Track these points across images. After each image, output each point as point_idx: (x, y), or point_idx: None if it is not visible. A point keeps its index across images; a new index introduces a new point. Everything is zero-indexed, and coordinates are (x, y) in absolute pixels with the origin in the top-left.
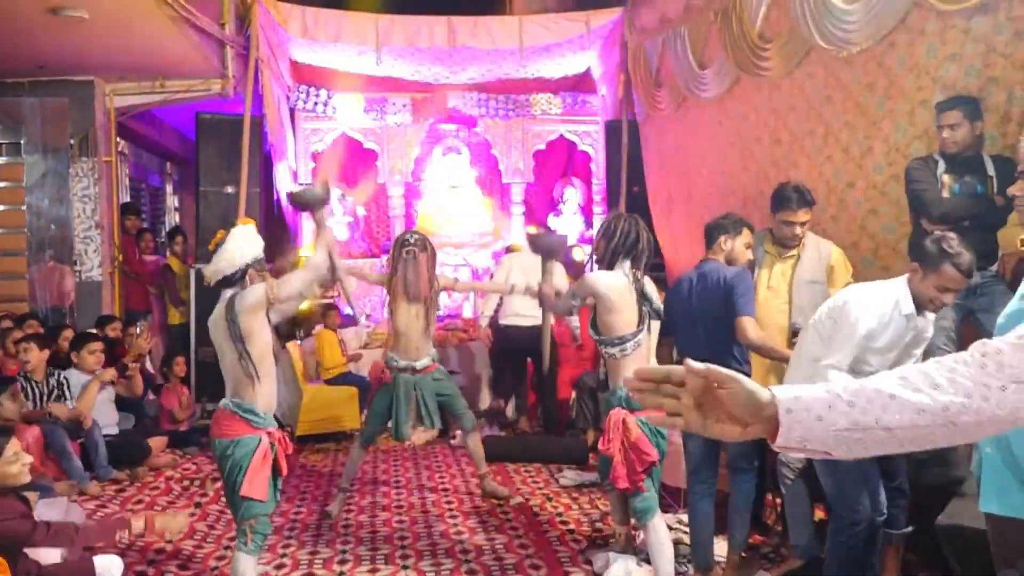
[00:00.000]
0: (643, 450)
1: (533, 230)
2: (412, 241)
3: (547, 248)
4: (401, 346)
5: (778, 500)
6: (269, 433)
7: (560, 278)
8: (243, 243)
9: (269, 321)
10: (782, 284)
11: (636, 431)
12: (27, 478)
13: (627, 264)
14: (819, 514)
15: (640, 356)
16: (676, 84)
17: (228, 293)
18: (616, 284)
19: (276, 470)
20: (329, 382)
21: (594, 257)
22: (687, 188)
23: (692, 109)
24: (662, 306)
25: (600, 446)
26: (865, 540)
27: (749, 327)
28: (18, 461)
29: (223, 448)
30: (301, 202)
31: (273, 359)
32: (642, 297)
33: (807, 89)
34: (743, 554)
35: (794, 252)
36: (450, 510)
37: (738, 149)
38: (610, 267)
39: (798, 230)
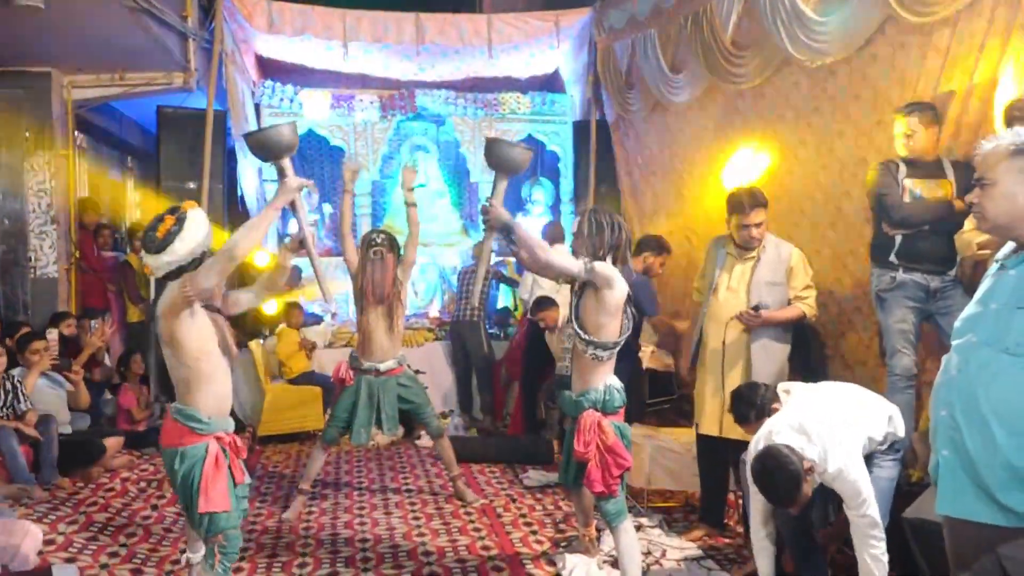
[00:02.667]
0: (619, 454)
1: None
2: (379, 241)
3: (503, 160)
4: (366, 347)
5: (740, 500)
6: (218, 438)
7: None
8: (199, 228)
9: (218, 311)
10: (742, 285)
11: (612, 435)
12: None
13: (609, 261)
14: None
15: (614, 358)
16: (647, 86)
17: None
18: (624, 287)
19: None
20: (292, 381)
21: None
22: (676, 186)
23: (671, 110)
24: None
25: (577, 448)
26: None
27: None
28: None
29: (169, 459)
30: (262, 147)
31: (220, 357)
32: (628, 298)
33: (793, 99)
34: None
35: (754, 254)
36: (413, 512)
37: (728, 152)
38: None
39: (755, 232)
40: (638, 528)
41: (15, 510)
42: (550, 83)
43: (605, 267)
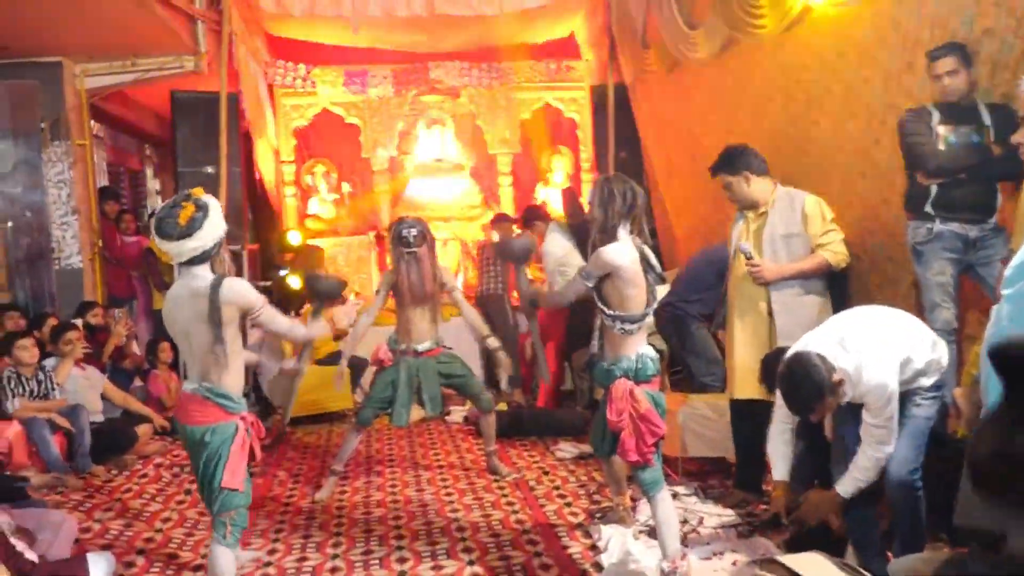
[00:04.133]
0: (653, 422)
1: (496, 236)
2: (412, 238)
3: (515, 254)
4: (404, 329)
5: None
6: (243, 418)
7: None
8: (220, 213)
9: None
10: (757, 243)
11: (645, 403)
12: None
13: (626, 230)
14: None
15: (645, 328)
16: (664, 45)
17: (198, 270)
18: (633, 255)
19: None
20: (319, 362)
21: (594, 227)
22: (691, 150)
23: (688, 70)
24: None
25: (610, 416)
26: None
27: None
28: None
29: (198, 435)
30: (315, 290)
31: (242, 339)
32: (647, 264)
33: (816, 46)
34: None
35: (764, 209)
36: (445, 487)
37: (748, 109)
38: (612, 236)
39: (727, 193)
40: (674, 496)
41: (51, 500)
42: (565, 49)
43: (598, 256)
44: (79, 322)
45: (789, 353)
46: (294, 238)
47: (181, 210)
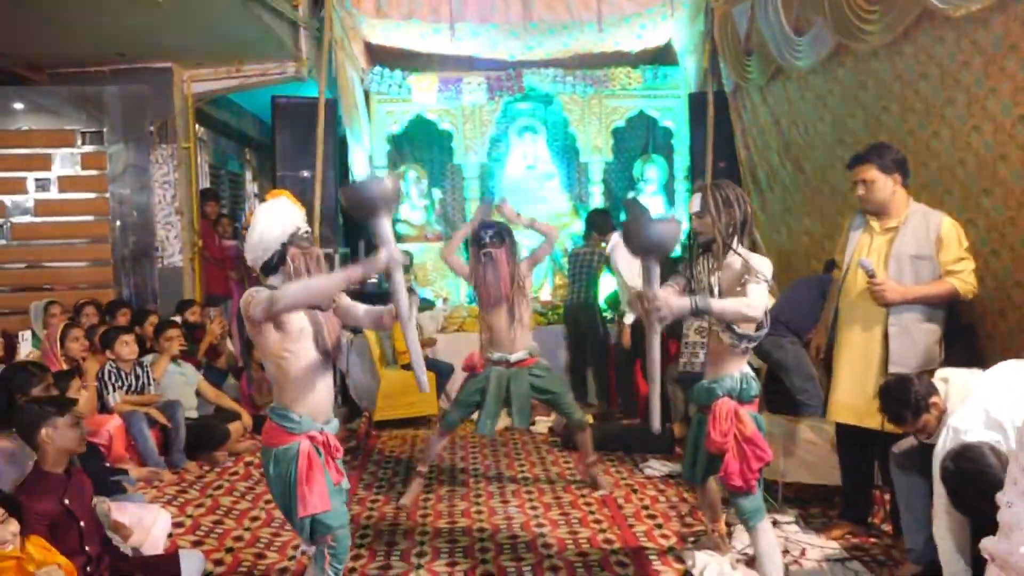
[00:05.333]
0: (759, 446)
1: (630, 206)
2: (487, 240)
3: (648, 242)
4: (493, 339)
5: (887, 496)
6: (311, 437)
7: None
8: (271, 220)
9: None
10: (880, 260)
11: (751, 425)
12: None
13: (735, 241)
14: None
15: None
16: (768, 52)
17: (272, 281)
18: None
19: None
20: (406, 367)
21: (715, 236)
22: (795, 161)
23: (793, 78)
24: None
25: (714, 437)
26: None
27: None
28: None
29: (265, 460)
30: (360, 201)
31: (312, 356)
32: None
33: (938, 55)
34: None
35: (894, 223)
36: (530, 501)
37: (860, 119)
38: (729, 247)
39: (860, 189)
40: (773, 524)
41: (146, 493)
42: (662, 56)
43: (762, 266)
44: (178, 319)
45: (953, 443)
46: None
47: (248, 215)
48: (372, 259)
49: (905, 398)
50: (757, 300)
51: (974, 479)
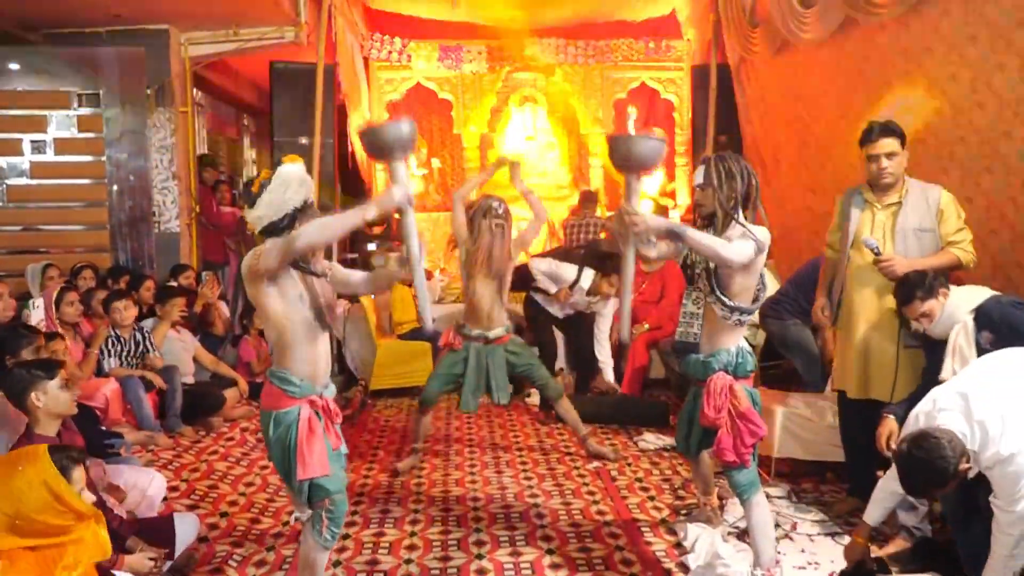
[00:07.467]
0: (753, 421)
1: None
2: (501, 212)
3: (630, 158)
4: (473, 314)
5: (878, 472)
6: (311, 402)
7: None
8: (290, 184)
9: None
10: (886, 235)
11: (745, 400)
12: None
13: (740, 215)
14: None
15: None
16: (774, 25)
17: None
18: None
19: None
20: (402, 337)
21: (716, 208)
22: (800, 135)
23: (799, 51)
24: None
25: (707, 412)
26: None
27: None
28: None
29: (264, 424)
30: (378, 143)
31: (311, 322)
32: None
33: (944, 28)
34: None
35: (896, 198)
36: (524, 471)
37: (862, 94)
38: (732, 218)
39: (884, 163)
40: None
41: (142, 457)
42: (665, 27)
43: (758, 232)
44: (174, 284)
45: (914, 427)
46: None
47: (258, 177)
48: (387, 193)
49: (920, 280)
50: (737, 247)
51: (921, 468)
